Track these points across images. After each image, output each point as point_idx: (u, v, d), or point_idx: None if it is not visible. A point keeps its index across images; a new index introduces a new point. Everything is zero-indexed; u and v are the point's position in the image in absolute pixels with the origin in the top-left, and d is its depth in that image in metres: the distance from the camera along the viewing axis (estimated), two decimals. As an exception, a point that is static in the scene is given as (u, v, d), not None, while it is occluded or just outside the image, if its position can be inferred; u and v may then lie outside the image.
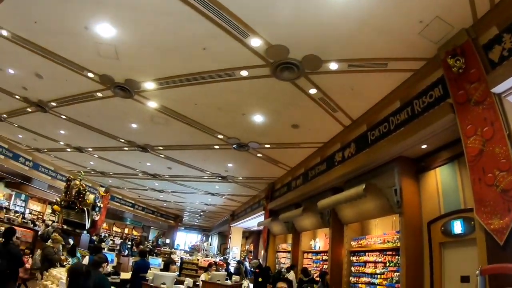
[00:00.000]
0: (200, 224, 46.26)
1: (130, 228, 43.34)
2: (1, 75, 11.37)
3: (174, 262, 10.33)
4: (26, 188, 28.59)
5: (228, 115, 11.17)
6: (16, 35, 8.90)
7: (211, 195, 24.75)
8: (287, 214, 15.07)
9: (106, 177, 24.69)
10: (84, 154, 19.32)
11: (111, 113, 12.61)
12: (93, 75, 9.96)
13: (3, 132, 18.89)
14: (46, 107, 13.14)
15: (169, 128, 12.90)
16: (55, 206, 15.30)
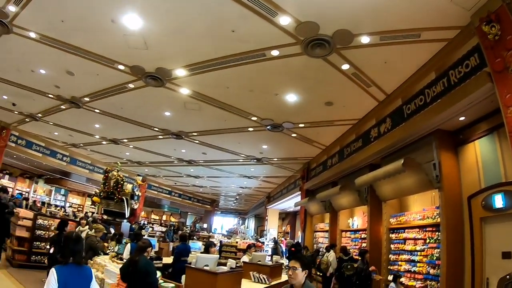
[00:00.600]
0: (236, 208, 46.61)
1: (167, 215, 44.23)
2: (33, 76, 11.87)
3: (214, 245, 10.50)
4: (65, 183, 29.71)
5: (261, 96, 11.18)
6: (44, 36, 9.23)
7: (246, 178, 24.89)
8: (324, 193, 15.07)
9: (142, 166, 25.26)
10: (119, 146, 19.89)
11: (144, 103, 12.87)
12: (123, 67, 10.18)
13: (39, 131, 19.86)
14: (79, 103, 13.58)
15: (202, 113, 13.02)
16: (95, 198, 15.71)
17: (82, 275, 4.04)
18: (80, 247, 4.28)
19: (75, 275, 3.93)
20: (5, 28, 9.28)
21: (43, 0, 7.83)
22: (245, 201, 39.18)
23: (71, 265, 3.97)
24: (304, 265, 3.86)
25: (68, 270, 3.90)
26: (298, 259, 3.91)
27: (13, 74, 12.09)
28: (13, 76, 12.26)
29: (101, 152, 23.03)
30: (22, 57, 10.82)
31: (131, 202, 15.14)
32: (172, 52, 9.32)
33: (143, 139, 17.63)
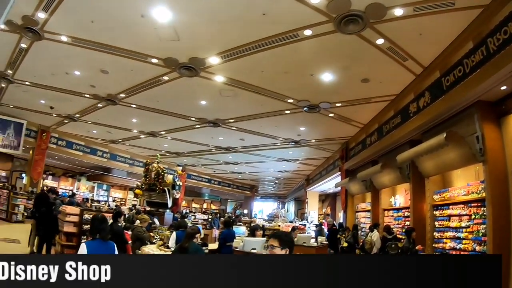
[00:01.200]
0: (275, 192, 46.58)
1: (208, 202, 44.84)
2: (68, 79, 12.22)
3: (260, 228, 10.54)
4: (107, 178, 30.59)
5: (296, 77, 10.99)
6: (75, 38, 9.42)
7: (285, 161, 24.79)
8: (364, 172, 14.85)
9: (180, 156, 25.49)
10: (157, 138, 20.15)
11: (179, 94, 12.92)
12: (157, 60, 10.21)
13: (78, 131, 20.61)
14: (115, 100, 13.83)
15: (238, 100, 12.95)
16: (137, 190, 15.98)
17: (107, 248, 4.95)
18: (105, 226, 5.26)
19: (101, 248, 4.82)
20: (37, 35, 9.55)
21: (71, 4, 7.96)
22: (284, 185, 39.10)
23: (98, 240, 4.95)
24: (284, 243, 3.48)
25: (95, 244, 4.85)
26: (276, 236, 3.57)
27: (49, 78, 12.44)
28: (49, 80, 12.62)
29: (140, 146, 23.44)
30: (56, 61, 11.08)
31: (173, 192, 15.31)
32: (204, 41, 9.26)
33: (181, 129, 17.75)
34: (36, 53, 10.63)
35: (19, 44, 10.37)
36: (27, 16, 8.73)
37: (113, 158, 24.85)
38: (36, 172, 20.21)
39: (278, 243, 3.44)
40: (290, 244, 3.51)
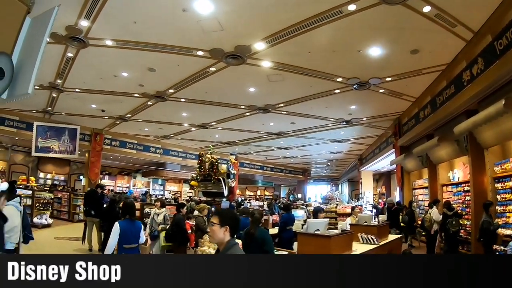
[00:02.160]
0: (328, 174, 46.07)
1: (261, 189, 45.09)
2: (117, 81, 12.51)
3: (323, 210, 10.41)
4: (161, 173, 31.41)
5: (344, 55, 10.63)
6: (120, 40, 9.55)
7: (336, 142, 24.37)
8: (420, 147, 14.28)
9: (232, 146, 25.59)
10: (208, 130, 20.27)
11: (227, 84, 12.87)
12: (202, 52, 10.15)
13: (130, 130, 21.22)
14: (164, 96, 13.97)
15: (287, 83, 12.71)
16: (193, 182, 16.23)
17: (134, 226, 6.00)
18: (134, 209, 6.49)
19: (130, 226, 5.88)
20: (82, 43, 9.76)
21: (111, 8, 8.03)
22: (336, 166, 38.60)
23: (127, 220, 5.96)
24: (224, 220, 3.23)
25: (125, 223, 5.86)
26: (217, 213, 3.44)
27: (97, 83, 12.77)
28: (98, 85, 12.96)
29: (191, 139, 23.70)
30: (103, 65, 11.33)
31: (228, 181, 15.40)
32: (248, 27, 9.08)
33: (231, 119, 17.73)
34: (83, 60, 10.88)
35: (66, 54, 10.63)
36: (70, 26, 8.92)
37: (166, 153, 25.42)
38: (94, 173, 21.11)
39: (218, 220, 3.22)
40: (231, 221, 3.27)
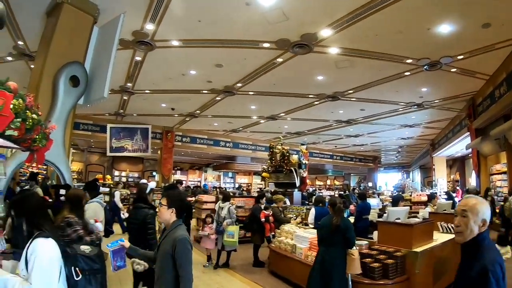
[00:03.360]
0: (398, 162, 44.66)
1: (331, 179, 44.52)
2: (185, 79, 12.82)
3: (403, 198, 10.09)
4: (232, 166, 31.90)
5: (412, 35, 10.12)
6: (186, 40, 9.74)
7: (408, 127, 23.54)
8: (498, 129, 13.24)
9: (301, 136, 25.46)
10: (277, 121, 20.27)
11: (295, 73, 12.70)
12: (268, 44, 10.08)
13: (200, 126, 21.73)
14: (233, 91, 14.09)
15: (355, 69, 12.37)
16: (264, 174, 16.25)
17: None
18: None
19: None
20: (149, 46, 10.07)
21: (175, 10, 8.19)
22: (407, 153, 37.33)
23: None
24: (172, 203, 3.38)
25: None
26: (166, 196, 3.48)
27: (166, 83, 13.13)
28: (167, 84, 13.32)
29: (260, 131, 23.84)
30: (171, 66, 11.61)
31: (300, 171, 15.25)
32: (313, 15, 8.85)
33: (299, 109, 17.59)
34: (151, 62, 11.22)
35: (134, 58, 11.03)
36: (137, 31, 9.25)
37: (236, 147, 25.85)
38: (166, 169, 22.00)
39: (166, 202, 3.38)
40: (178, 203, 3.44)
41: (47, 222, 2.76)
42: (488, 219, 2.50)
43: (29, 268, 2.49)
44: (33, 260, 2.47)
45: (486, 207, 2.56)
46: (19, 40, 10.39)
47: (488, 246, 2.50)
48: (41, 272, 2.43)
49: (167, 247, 3.18)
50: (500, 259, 2.42)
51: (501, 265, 2.37)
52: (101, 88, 7.15)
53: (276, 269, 8.39)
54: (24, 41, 10.42)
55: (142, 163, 30.74)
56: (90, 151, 28.04)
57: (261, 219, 9.46)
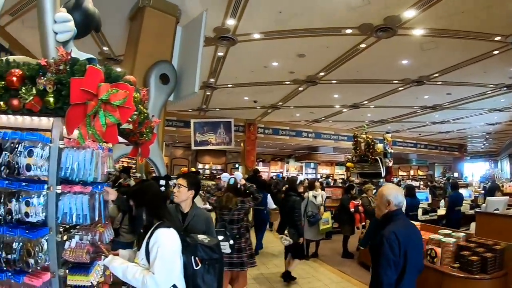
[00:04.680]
0: (486, 150, 42.10)
1: (415, 169, 42.84)
2: (267, 71, 12.89)
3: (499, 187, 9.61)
4: (314, 156, 31.83)
5: (502, 8, 9.21)
6: (267, 32, 9.78)
7: (496, 111, 22.07)
8: None
9: (384, 124, 24.80)
10: (360, 109, 19.88)
11: (379, 59, 12.36)
12: (351, 30, 9.87)
13: (282, 117, 21.89)
14: (315, 80, 13.96)
15: (440, 51, 11.75)
16: (348, 164, 15.98)
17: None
18: None
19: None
20: (231, 41, 10.26)
21: (255, 2, 8.24)
22: (495, 140, 35.12)
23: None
24: (191, 184, 3.76)
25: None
26: (185, 177, 3.84)
27: (248, 76, 13.33)
28: (249, 78, 13.52)
29: (343, 120, 23.52)
30: (253, 59, 11.75)
31: (385, 161, 14.86)
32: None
33: (383, 96, 17.12)
34: (233, 56, 11.40)
35: (216, 54, 11.29)
36: (218, 27, 9.45)
37: (318, 137, 25.71)
38: (250, 160, 22.58)
39: (186, 183, 3.70)
40: (197, 186, 3.89)
41: (167, 212, 2.88)
42: (394, 201, 3.40)
43: (151, 257, 2.62)
44: (155, 250, 2.59)
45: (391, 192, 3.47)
46: (104, 46, 11.02)
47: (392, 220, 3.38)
48: (164, 261, 2.54)
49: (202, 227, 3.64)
50: (398, 230, 3.22)
51: (395, 233, 3.17)
52: (191, 84, 7.40)
53: (366, 260, 8.22)
54: (109, 46, 11.06)
55: (225, 155, 31.61)
56: (175, 145, 29.27)
57: (351, 209, 9.40)
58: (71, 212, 2.65)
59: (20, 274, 2.65)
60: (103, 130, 2.34)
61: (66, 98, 2.37)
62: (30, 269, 2.59)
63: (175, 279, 2.66)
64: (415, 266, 3.27)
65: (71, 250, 2.73)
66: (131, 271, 2.60)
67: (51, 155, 2.61)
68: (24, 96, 2.33)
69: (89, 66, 2.37)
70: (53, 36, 3.02)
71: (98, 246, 2.92)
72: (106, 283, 3.22)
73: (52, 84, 2.37)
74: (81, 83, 2.32)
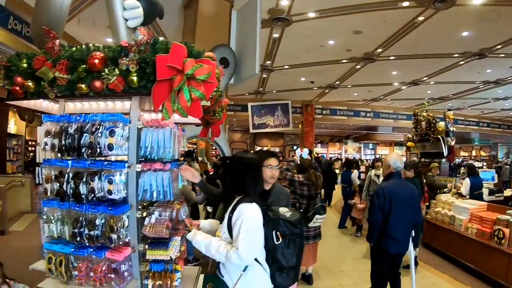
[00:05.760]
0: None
1: (477, 149, 41.12)
2: (323, 50, 12.75)
3: None
4: (373, 137, 31.40)
5: None
6: (322, 10, 9.66)
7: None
8: None
9: (445, 101, 23.96)
10: (419, 86, 19.32)
11: (437, 32, 11.89)
12: (408, 2, 9.58)
13: (339, 97, 21.70)
14: (373, 57, 13.69)
15: (503, 20, 11.04)
16: (409, 143, 15.55)
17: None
18: None
19: None
20: (285, 22, 10.24)
21: None
22: None
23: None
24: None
25: None
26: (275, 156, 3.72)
27: (304, 56, 13.20)
28: (305, 58, 13.40)
29: (402, 98, 22.92)
30: (308, 38, 11.60)
31: (447, 139, 14.39)
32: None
33: (443, 71, 16.54)
34: (289, 37, 11.36)
35: (272, 35, 11.29)
36: (272, 9, 9.45)
37: (377, 116, 25.21)
38: (308, 142, 22.44)
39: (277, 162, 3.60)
40: None
41: (251, 186, 2.85)
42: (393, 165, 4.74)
43: (234, 232, 2.63)
44: (239, 224, 2.60)
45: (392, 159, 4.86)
46: (160, 36, 11.22)
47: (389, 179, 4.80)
48: (247, 236, 2.55)
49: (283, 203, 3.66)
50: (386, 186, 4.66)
51: (383, 188, 4.64)
52: (252, 66, 7.48)
53: (430, 241, 8.10)
54: (164, 35, 11.28)
55: (282, 138, 31.66)
56: (233, 129, 29.58)
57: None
58: (151, 189, 2.77)
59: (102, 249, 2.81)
60: (188, 105, 2.42)
61: (150, 76, 2.47)
62: (112, 244, 2.74)
63: (257, 253, 2.69)
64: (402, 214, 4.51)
65: (151, 226, 2.84)
66: (214, 246, 2.64)
67: (130, 134, 2.74)
68: (108, 77, 2.45)
69: (173, 43, 2.45)
70: (123, 22, 3.15)
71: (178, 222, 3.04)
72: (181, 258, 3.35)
73: (135, 64, 2.48)
74: (167, 59, 2.40)
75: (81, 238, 2.81)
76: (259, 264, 2.73)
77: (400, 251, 4.67)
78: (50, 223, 2.94)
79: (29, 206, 11.09)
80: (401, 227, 4.52)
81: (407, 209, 4.54)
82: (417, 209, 4.91)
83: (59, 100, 3.12)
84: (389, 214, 4.48)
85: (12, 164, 15.04)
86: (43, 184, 2.95)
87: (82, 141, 2.69)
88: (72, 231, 2.83)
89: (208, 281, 2.86)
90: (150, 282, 3.02)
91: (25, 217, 10.45)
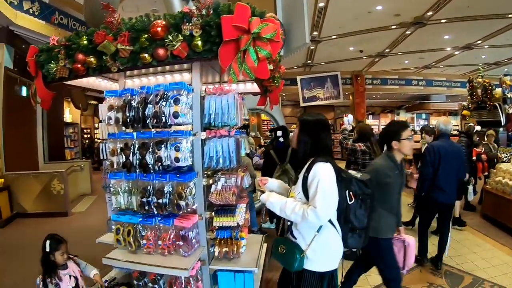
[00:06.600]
0: None
1: (536, 118, 39.55)
2: (371, 17, 12.32)
3: None
4: (426, 106, 30.57)
5: None
6: None
7: None
8: None
9: (500, 66, 22.67)
10: (472, 51, 18.44)
11: (492, -10, 11.30)
12: (460, -41, 9.14)
13: (389, 66, 20.97)
14: (423, 21, 13.12)
15: None
16: (465, 112, 15.11)
17: None
18: None
19: None
20: None
21: None
22: None
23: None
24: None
25: None
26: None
27: (352, 24, 12.85)
28: (353, 26, 13.04)
29: (455, 65, 21.95)
30: (356, 5, 11.21)
31: (505, 107, 13.79)
32: None
33: (498, 33, 15.57)
34: (335, 5, 11.02)
35: (318, 4, 10.99)
36: None
37: (429, 84, 24.31)
38: (360, 113, 22.19)
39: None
40: None
41: (325, 146, 2.84)
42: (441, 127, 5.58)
43: (311, 191, 2.62)
44: (315, 184, 2.59)
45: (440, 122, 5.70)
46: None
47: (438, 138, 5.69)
48: (324, 195, 2.54)
49: None
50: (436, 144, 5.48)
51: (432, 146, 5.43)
52: (301, 35, 7.34)
53: (490, 213, 7.84)
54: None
55: (333, 110, 31.31)
56: (283, 104, 29.47)
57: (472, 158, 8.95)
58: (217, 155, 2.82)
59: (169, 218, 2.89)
60: (255, 65, 2.44)
61: (216, 38, 2.48)
62: (180, 211, 2.81)
63: (333, 213, 2.68)
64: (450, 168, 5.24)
65: (218, 193, 2.89)
66: (290, 206, 2.63)
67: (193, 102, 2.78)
68: (172, 43, 2.48)
69: (237, 3, 2.45)
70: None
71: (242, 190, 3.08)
72: (245, 226, 3.39)
73: (198, 28, 2.50)
74: (232, 19, 2.42)
75: (149, 207, 2.91)
76: (332, 225, 2.73)
77: (447, 201, 5.37)
78: (117, 195, 3.05)
79: (89, 188, 11.90)
80: (448, 179, 5.26)
81: (453, 164, 5.29)
82: (462, 164, 5.67)
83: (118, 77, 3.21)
84: (438, 167, 5.23)
85: (70, 150, 15.83)
86: (109, 157, 3.05)
87: (146, 112, 2.76)
88: (140, 200, 2.94)
89: (280, 243, 2.85)
90: (216, 249, 3.10)
91: (86, 199, 11.14)
